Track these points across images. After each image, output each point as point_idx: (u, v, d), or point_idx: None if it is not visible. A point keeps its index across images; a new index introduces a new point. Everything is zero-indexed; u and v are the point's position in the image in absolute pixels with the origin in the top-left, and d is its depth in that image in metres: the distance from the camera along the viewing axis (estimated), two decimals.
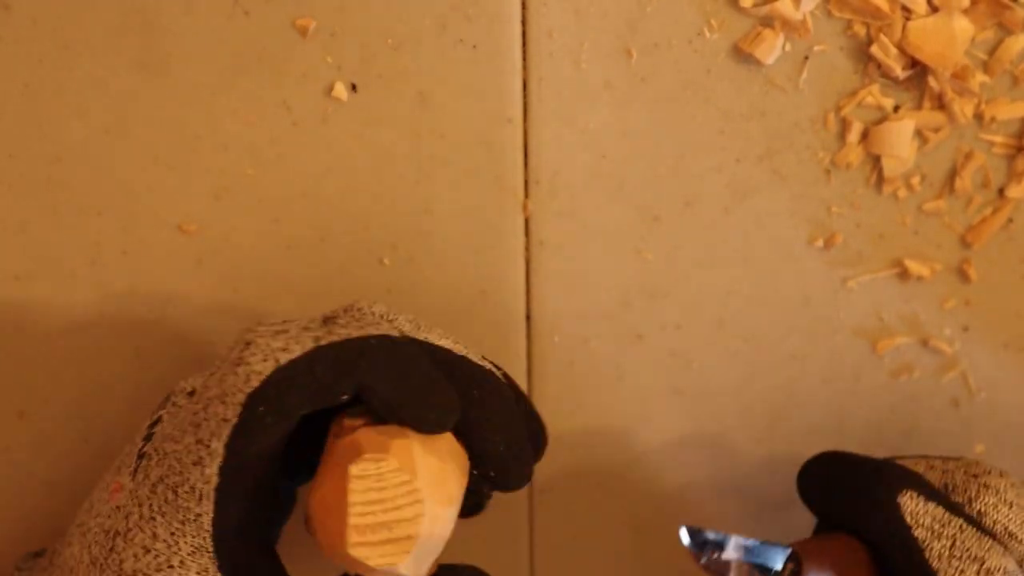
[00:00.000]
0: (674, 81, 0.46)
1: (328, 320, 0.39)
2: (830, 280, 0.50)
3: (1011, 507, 0.40)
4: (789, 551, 0.40)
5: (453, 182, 0.47)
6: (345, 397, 0.37)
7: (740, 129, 0.47)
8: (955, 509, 0.40)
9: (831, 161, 0.48)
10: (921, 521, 0.40)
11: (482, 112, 0.46)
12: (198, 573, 0.37)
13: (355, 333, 0.38)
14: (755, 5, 0.44)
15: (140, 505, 0.38)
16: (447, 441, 0.39)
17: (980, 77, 0.46)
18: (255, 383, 0.36)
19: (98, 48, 0.43)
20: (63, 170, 0.45)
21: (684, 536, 0.39)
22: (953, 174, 0.48)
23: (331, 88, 0.45)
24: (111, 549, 0.38)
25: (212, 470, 0.36)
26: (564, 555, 0.56)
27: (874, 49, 0.45)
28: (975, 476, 0.41)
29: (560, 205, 0.48)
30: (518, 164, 0.47)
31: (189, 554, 0.37)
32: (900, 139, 0.47)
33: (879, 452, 0.55)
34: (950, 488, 0.41)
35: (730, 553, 0.40)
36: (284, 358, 0.36)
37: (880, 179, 0.48)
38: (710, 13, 0.44)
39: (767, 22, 0.45)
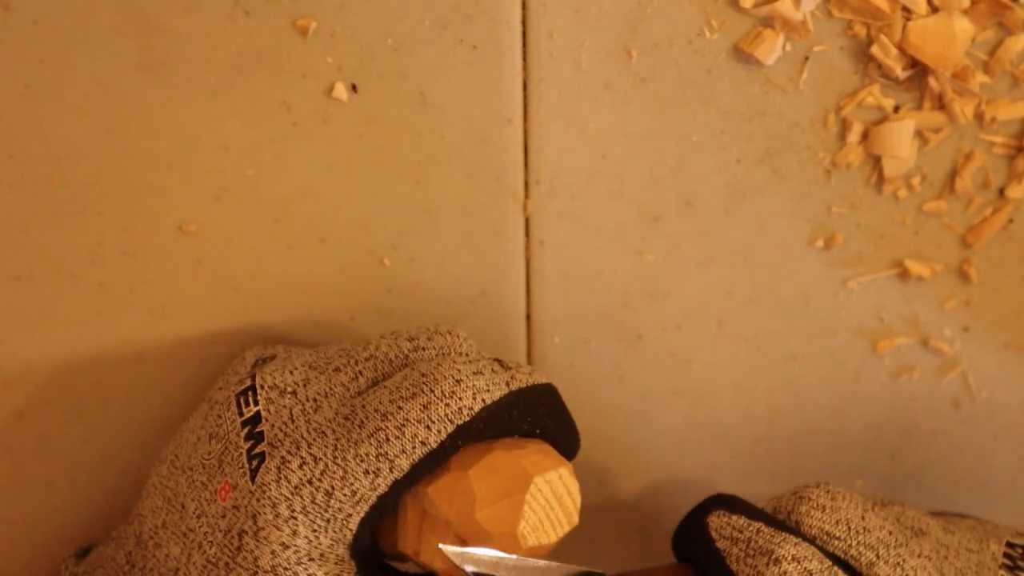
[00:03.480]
0: (674, 81, 0.46)
1: (502, 362, 0.43)
2: (830, 280, 0.50)
3: (823, 510, 0.43)
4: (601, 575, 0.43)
5: (453, 182, 0.47)
6: (517, 435, 0.42)
7: (740, 129, 0.47)
8: (757, 517, 0.43)
9: (831, 161, 0.48)
10: (723, 533, 0.43)
11: (482, 112, 0.46)
12: (335, 563, 0.40)
13: (529, 380, 0.43)
14: (755, 5, 0.44)
15: (274, 506, 0.39)
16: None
17: (980, 77, 0.46)
18: (466, 417, 0.40)
19: (98, 48, 0.43)
20: (63, 170, 0.45)
21: (453, 557, 0.40)
22: (953, 174, 0.48)
23: (331, 88, 0.45)
24: (238, 548, 0.40)
25: (386, 482, 0.40)
26: (564, 555, 0.56)
27: (874, 49, 0.45)
28: (796, 493, 0.44)
29: (560, 205, 0.48)
30: (518, 164, 0.47)
31: (328, 547, 0.40)
32: (900, 139, 0.46)
33: (879, 452, 0.55)
34: (777, 509, 0.44)
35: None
36: (488, 398, 0.41)
37: (880, 179, 0.48)
38: (710, 13, 0.44)
39: (767, 22, 0.45)
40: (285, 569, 0.39)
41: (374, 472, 0.39)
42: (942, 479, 0.56)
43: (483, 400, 0.41)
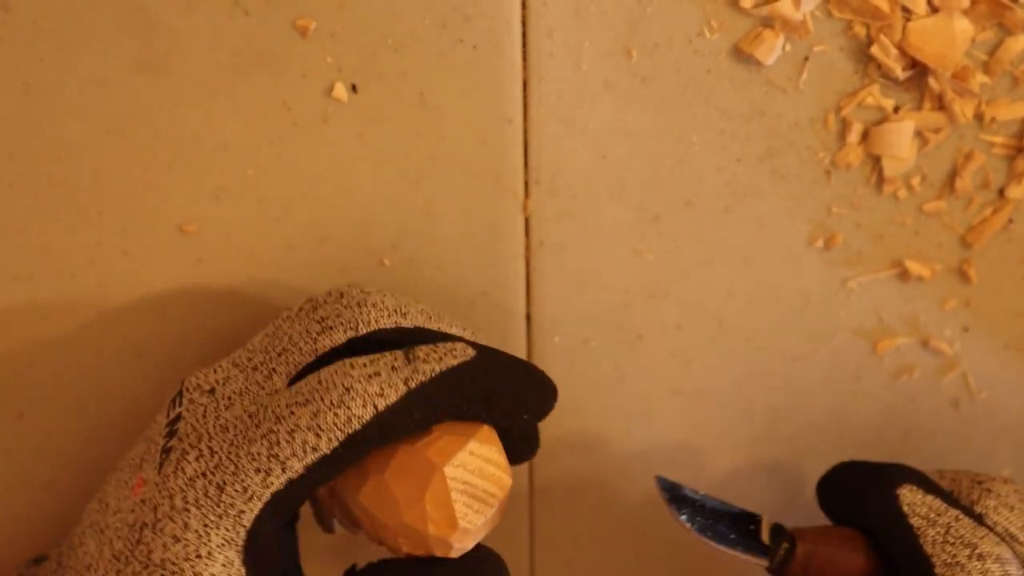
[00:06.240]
0: (674, 81, 0.46)
1: (408, 353, 0.41)
2: (830, 280, 0.50)
3: (1012, 510, 0.42)
4: (781, 528, 0.42)
5: (453, 182, 0.47)
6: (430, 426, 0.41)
7: (740, 129, 0.47)
8: (953, 503, 0.42)
9: (831, 161, 0.48)
10: (918, 511, 0.42)
11: (482, 112, 0.46)
12: (223, 565, 0.39)
13: (437, 367, 0.41)
14: (755, 5, 0.44)
15: (171, 497, 0.39)
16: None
17: (980, 78, 0.46)
18: (356, 425, 0.39)
19: (98, 48, 0.43)
20: (63, 170, 0.45)
21: (661, 489, 0.39)
22: (953, 174, 0.48)
23: (331, 88, 0.45)
24: (138, 541, 0.39)
25: (280, 480, 0.39)
26: (564, 555, 0.56)
27: (874, 50, 0.45)
28: (980, 482, 0.43)
29: (560, 205, 0.48)
30: (518, 164, 0.47)
31: (218, 546, 0.39)
32: (900, 139, 0.47)
33: (879, 452, 0.55)
34: (956, 493, 0.43)
35: (713, 515, 0.40)
36: (382, 404, 0.39)
37: (880, 179, 0.48)
38: (710, 13, 0.44)
39: (767, 22, 0.45)
40: (173, 564, 0.38)
41: (265, 471, 0.39)
42: None
43: (375, 407, 0.39)
